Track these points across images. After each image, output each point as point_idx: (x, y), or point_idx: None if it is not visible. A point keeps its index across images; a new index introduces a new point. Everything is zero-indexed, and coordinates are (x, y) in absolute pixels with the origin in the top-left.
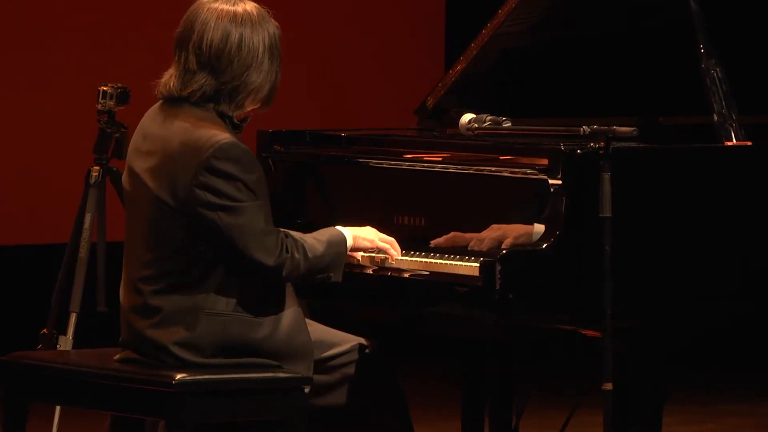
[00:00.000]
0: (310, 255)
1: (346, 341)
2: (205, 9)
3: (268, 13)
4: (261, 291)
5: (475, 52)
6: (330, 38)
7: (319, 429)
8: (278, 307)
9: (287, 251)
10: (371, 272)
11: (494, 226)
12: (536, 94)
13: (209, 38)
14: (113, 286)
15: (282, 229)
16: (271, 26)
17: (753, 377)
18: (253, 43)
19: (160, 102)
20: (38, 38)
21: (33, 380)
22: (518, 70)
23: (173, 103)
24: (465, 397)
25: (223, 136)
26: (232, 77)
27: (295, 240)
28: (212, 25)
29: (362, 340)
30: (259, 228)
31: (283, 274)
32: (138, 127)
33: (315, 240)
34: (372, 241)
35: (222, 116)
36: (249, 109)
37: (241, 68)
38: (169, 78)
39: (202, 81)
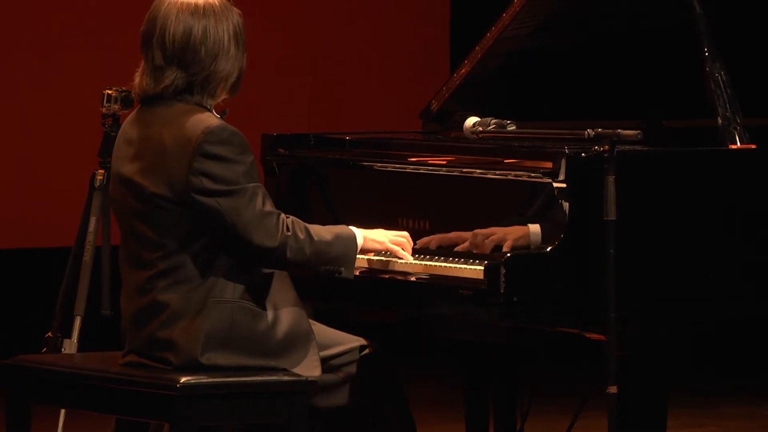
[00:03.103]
0: (316, 238)
1: (348, 341)
2: (166, 4)
3: (230, 1)
4: (263, 279)
5: (479, 56)
6: (334, 41)
7: (321, 429)
8: (280, 296)
9: (288, 230)
10: (375, 274)
11: (492, 228)
12: (540, 98)
13: (171, 32)
14: (118, 290)
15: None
16: (234, 15)
17: (755, 379)
18: (218, 32)
19: (137, 109)
20: (43, 41)
21: (38, 383)
22: (523, 73)
23: (151, 103)
24: (469, 399)
25: (212, 120)
26: (201, 68)
27: (297, 221)
28: (173, 19)
29: (363, 341)
30: (258, 210)
31: (288, 255)
32: (118, 136)
33: (322, 229)
34: (382, 243)
35: (201, 107)
36: (221, 98)
37: (209, 58)
38: (141, 78)
39: (173, 75)
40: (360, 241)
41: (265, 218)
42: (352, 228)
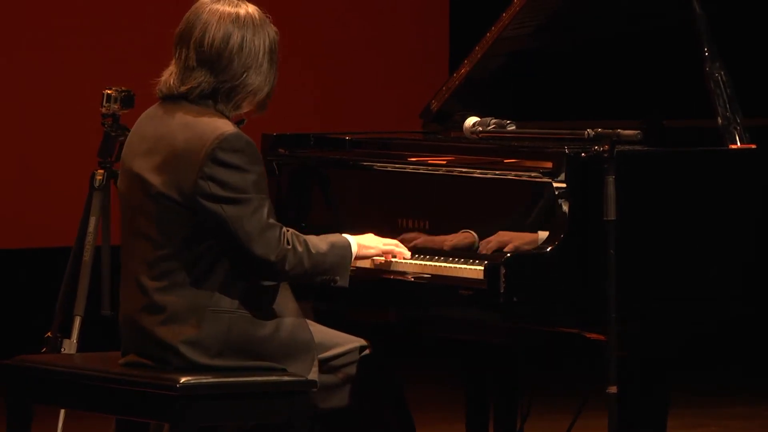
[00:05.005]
0: (313, 251)
1: (347, 342)
2: (207, 9)
3: (268, 17)
4: (263, 288)
5: (479, 56)
6: (334, 41)
7: (321, 429)
8: (280, 305)
9: (288, 243)
10: (375, 275)
11: (501, 232)
12: (540, 98)
13: (211, 37)
14: (118, 290)
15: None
16: (271, 30)
17: (756, 379)
18: (254, 44)
19: (156, 104)
20: (43, 41)
21: (38, 384)
22: (522, 73)
23: (171, 102)
24: (469, 400)
25: (228, 127)
26: (232, 77)
27: (297, 234)
28: (214, 24)
29: (363, 341)
30: (262, 221)
31: (286, 268)
32: (133, 129)
33: (318, 240)
34: (376, 248)
35: (220, 114)
36: (245, 111)
37: (241, 69)
38: (169, 76)
39: (201, 78)
40: (355, 249)
41: (268, 231)
42: (346, 236)
